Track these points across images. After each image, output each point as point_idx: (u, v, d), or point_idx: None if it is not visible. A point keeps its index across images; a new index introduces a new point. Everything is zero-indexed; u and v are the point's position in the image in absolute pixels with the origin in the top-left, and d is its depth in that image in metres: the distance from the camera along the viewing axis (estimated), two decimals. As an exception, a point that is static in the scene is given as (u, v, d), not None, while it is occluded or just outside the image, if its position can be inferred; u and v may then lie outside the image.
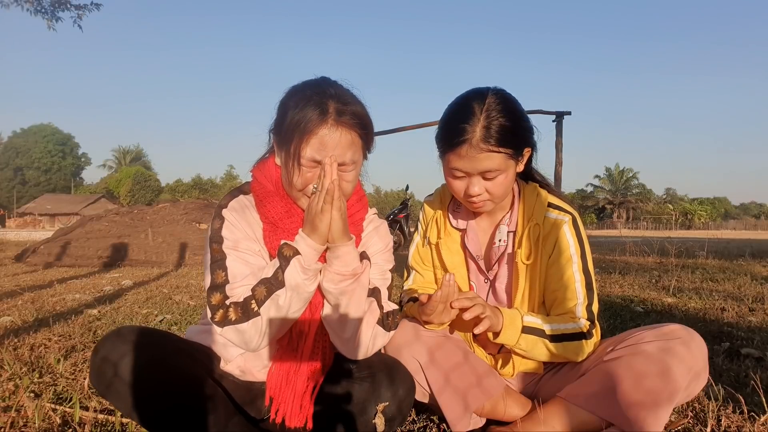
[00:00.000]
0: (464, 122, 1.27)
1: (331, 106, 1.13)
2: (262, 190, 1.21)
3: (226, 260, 1.15)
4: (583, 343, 1.31)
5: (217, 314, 1.12)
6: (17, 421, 1.36)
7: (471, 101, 1.30)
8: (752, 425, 1.36)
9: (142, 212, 8.87)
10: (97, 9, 9.74)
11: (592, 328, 1.33)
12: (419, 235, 1.58)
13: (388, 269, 1.32)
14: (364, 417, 1.16)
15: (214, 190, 53.87)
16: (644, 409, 1.16)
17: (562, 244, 1.38)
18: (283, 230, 1.19)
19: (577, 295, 1.34)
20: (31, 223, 48.30)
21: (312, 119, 1.11)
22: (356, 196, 1.29)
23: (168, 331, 1.28)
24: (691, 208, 69.95)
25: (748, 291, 3.88)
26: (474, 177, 1.31)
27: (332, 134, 1.12)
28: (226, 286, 1.13)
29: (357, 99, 1.19)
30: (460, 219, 1.49)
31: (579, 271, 1.36)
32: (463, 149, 1.27)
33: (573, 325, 1.32)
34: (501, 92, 1.32)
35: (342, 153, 1.14)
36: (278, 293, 1.12)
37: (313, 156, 1.13)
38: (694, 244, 9.27)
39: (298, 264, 1.12)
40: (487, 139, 1.25)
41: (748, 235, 26.90)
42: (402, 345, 1.30)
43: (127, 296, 3.85)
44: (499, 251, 1.44)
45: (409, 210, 10.23)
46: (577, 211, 1.43)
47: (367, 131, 1.19)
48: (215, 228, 1.18)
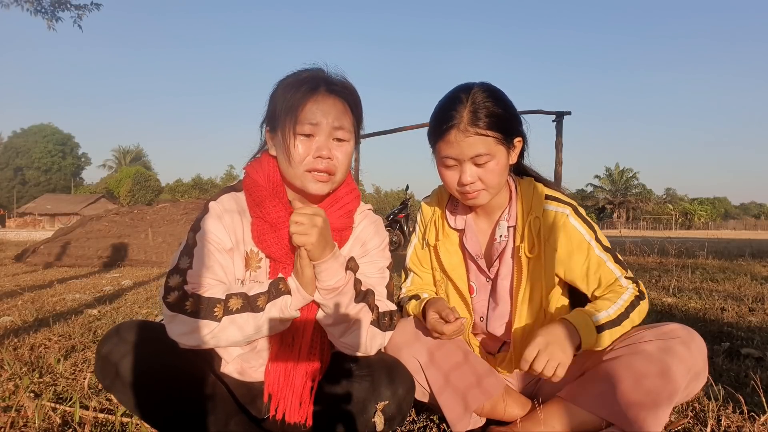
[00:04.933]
0: (452, 110, 1.30)
1: (322, 81, 1.20)
2: (256, 187, 1.21)
3: (195, 248, 1.16)
4: (642, 304, 1.33)
5: (171, 296, 1.11)
6: (17, 421, 1.36)
7: (458, 92, 1.33)
8: (752, 425, 1.36)
9: (142, 212, 8.87)
10: (97, 9, 9.72)
11: (640, 287, 1.36)
12: (417, 236, 1.57)
13: (386, 266, 1.31)
14: (364, 416, 1.16)
15: (214, 190, 53.64)
16: (644, 408, 1.16)
17: (574, 236, 1.37)
18: (279, 230, 1.19)
19: (613, 271, 1.36)
20: (31, 223, 48.32)
21: (305, 91, 1.17)
22: (347, 188, 1.29)
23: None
24: (691, 208, 69.94)
25: (748, 291, 3.88)
26: (465, 164, 1.31)
27: (326, 99, 1.18)
28: (188, 271, 1.13)
29: (347, 80, 1.25)
30: (458, 218, 1.48)
31: (602, 252, 1.37)
32: (451, 135, 1.29)
33: (626, 296, 1.33)
34: (487, 84, 1.36)
35: (337, 117, 1.18)
36: (251, 315, 1.11)
37: (310, 119, 1.16)
38: (694, 244, 9.27)
39: (284, 302, 1.13)
40: (475, 122, 1.27)
41: (748, 235, 26.90)
42: (402, 345, 1.30)
43: (127, 296, 3.85)
44: (500, 247, 1.43)
45: (409, 210, 10.24)
46: (574, 200, 1.43)
47: (358, 108, 1.24)
48: (197, 218, 1.20)
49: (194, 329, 1.09)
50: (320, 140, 1.17)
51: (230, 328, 1.10)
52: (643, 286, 1.39)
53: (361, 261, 1.27)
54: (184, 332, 1.10)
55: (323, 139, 1.17)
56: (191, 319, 1.09)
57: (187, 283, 1.12)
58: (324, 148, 1.17)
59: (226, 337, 1.11)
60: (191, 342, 1.10)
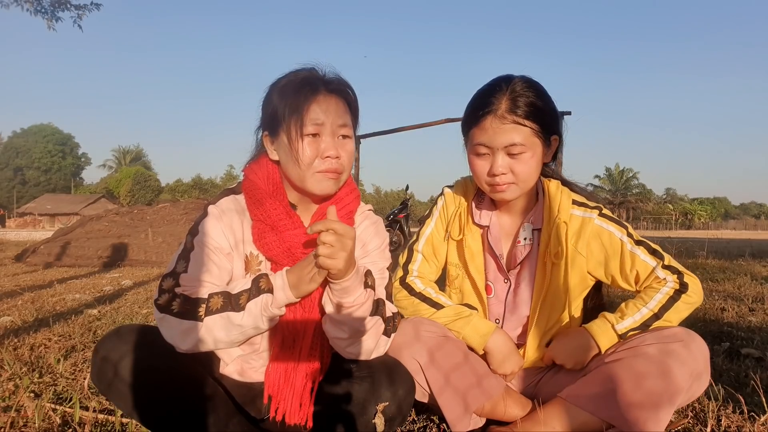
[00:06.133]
0: (490, 96, 1.29)
1: (321, 81, 1.20)
2: (256, 189, 1.21)
3: (192, 252, 1.16)
4: (684, 298, 1.29)
5: (162, 298, 1.11)
6: (17, 421, 1.36)
7: (498, 81, 1.32)
8: (752, 425, 1.36)
9: (142, 212, 8.87)
10: (97, 9, 9.72)
11: (683, 278, 1.31)
12: (435, 221, 1.51)
13: (386, 267, 1.31)
14: (364, 417, 1.15)
15: (214, 190, 53.82)
16: (644, 410, 1.16)
17: (605, 237, 1.36)
18: (280, 232, 1.18)
19: (648, 263, 1.33)
20: (31, 223, 48.30)
21: (307, 92, 1.17)
22: (348, 188, 1.29)
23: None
24: (691, 208, 69.92)
25: (748, 291, 3.88)
26: (498, 153, 1.29)
27: (328, 99, 1.18)
28: (182, 275, 1.13)
29: (343, 78, 1.25)
30: (483, 213, 1.45)
31: (635, 246, 1.35)
32: (487, 121, 1.27)
33: (659, 295, 1.30)
34: (529, 77, 1.34)
35: (339, 115, 1.19)
36: (230, 314, 1.10)
37: (314, 119, 1.16)
38: (694, 244, 9.26)
39: (265, 301, 1.11)
40: (513, 109, 1.26)
41: (748, 235, 26.87)
42: (402, 345, 1.30)
43: (127, 296, 3.85)
44: (524, 250, 1.41)
45: (409, 210, 10.23)
46: (601, 203, 1.42)
47: (356, 104, 1.25)
48: (196, 221, 1.20)
49: (180, 330, 1.09)
50: (326, 140, 1.17)
51: (214, 329, 1.09)
52: (693, 276, 1.32)
53: (362, 262, 1.27)
54: (173, 334, 1.10)
55: (329, 138, 1.18)
56: (177, 320, 1.09)
57: (179, 286, 1.12)
58: (331, 148, 1.17)
59: (213, 338, 1.10)
60: (182, 344, 1.10)
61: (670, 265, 1.34)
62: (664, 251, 1.37)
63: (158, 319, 1.12)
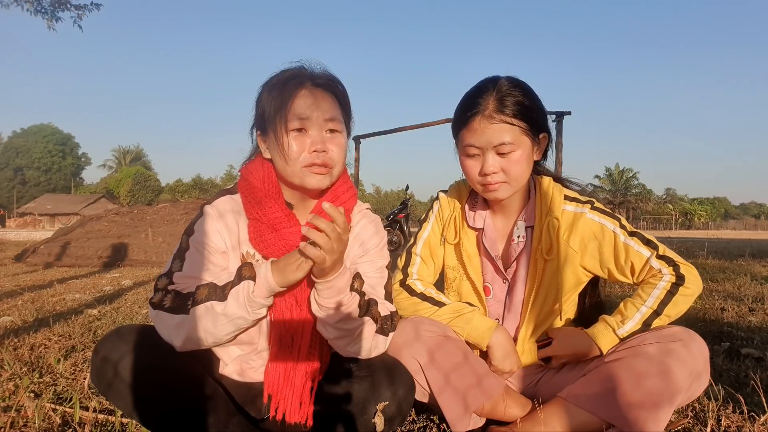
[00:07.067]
0: (477, 98, 1.29)
1: (307, 76, 1.20)
2: (252, 189, 1.21)
3: (187, 252, 1.16)
4: (681, 291, 1.28)
5: (156, 296, 1.13)
6: (17, 421, 1.36)
7: (485, 82, 1.33)
8: (752, 425, 1.36)
9: (142, 212, 8.86)
10: (97, 9, 9.71)
11: (680, 269, 1.30)
12: (431, 225, 1.53)
13: (385, 265, 1.31)
14: (364, 416, 1.15)
15: (214, 190, 53.73)
16: (644, 410, 1.16)
17: (597, 230, 1.36)
18: (278, 230, 1.18)
19: (641, 253, 1.33)
20: (31, 223, 48.29)
21: (292, 87, 1.16)
22: (345, 186, 1.28)
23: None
24: (691, 208, 69.95)
25: (748, 291, 3.88)
26: (488, 153, 1.30)
27: (313, 93, 1.18)
28: (176, 273, 1.14)
29: (331, 73, 1.24)
30: (477, 216, 1.46)
31: (628, 237, 1.34)
32: (475, 122, 1.28)
33: (657, 291, 1.29)
34: (514, 77, 1.35)
35: (326, 109, 1.17)
36: (214, 303, 1.09)
37: (299, 114, 1.15)
38: (694, 244, 9.26)
39: (247, 288, 1.10)
40: (501, 109, 1.27)
41: (748, 235, 26.87)
42: (402, 345, 1.30)
43: (127, 296, 3.85)
44: (518, 248, 1.42)
45: (409, 210, 10.21)
46: (593, 197, 1.43)
47: (346, 99, 1.24)
48: (192, 221, 1.21)
49: (173, 325, 1.10)
50: (313, 134, 1.17)
51: (202, 320, 1.09)
52: (690, 266, 1.31)
53: (360, 260, 1.27)
54: (168, 331, 1.11)
55: (316, 132, 1.17)
56: (169, 315, 1.10)
57: (173, 284, 1.13)
58: (318, 142, 1.17)
59: (203, 330, 1.09)
60: (176, 339, 1.10)
61: (665, 255, 1.34)
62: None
63: (153, 316, 1.13)
